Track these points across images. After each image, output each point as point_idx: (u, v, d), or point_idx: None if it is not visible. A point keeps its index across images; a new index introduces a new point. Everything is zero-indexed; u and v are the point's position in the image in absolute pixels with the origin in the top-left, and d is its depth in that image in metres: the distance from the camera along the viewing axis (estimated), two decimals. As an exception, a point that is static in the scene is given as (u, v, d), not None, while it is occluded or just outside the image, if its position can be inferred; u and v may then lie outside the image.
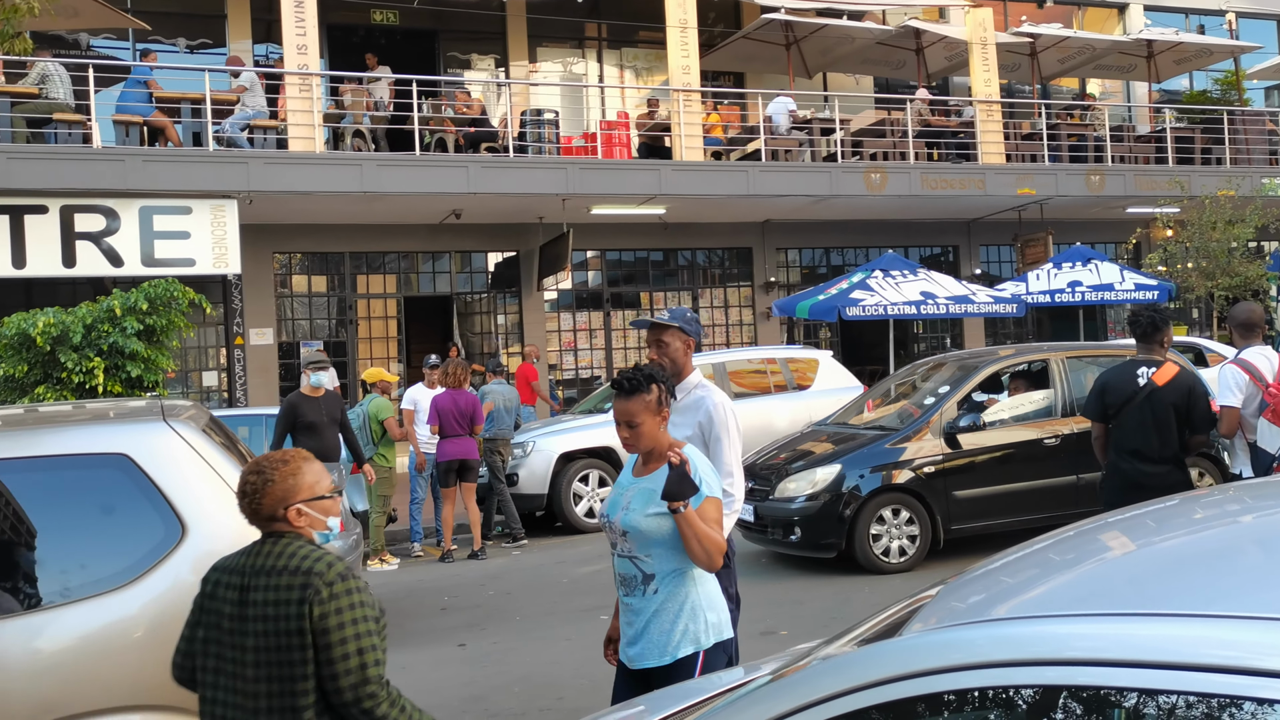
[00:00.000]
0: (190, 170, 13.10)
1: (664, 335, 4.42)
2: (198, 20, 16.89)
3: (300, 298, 16.53)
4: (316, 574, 2.69)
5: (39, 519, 3.59)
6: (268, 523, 2.80)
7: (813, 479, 8.75)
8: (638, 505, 3.49)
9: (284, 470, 2.80)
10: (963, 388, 9.16)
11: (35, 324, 9.77)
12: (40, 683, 3.28)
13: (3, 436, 3.79)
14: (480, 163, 14.64)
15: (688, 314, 4.54)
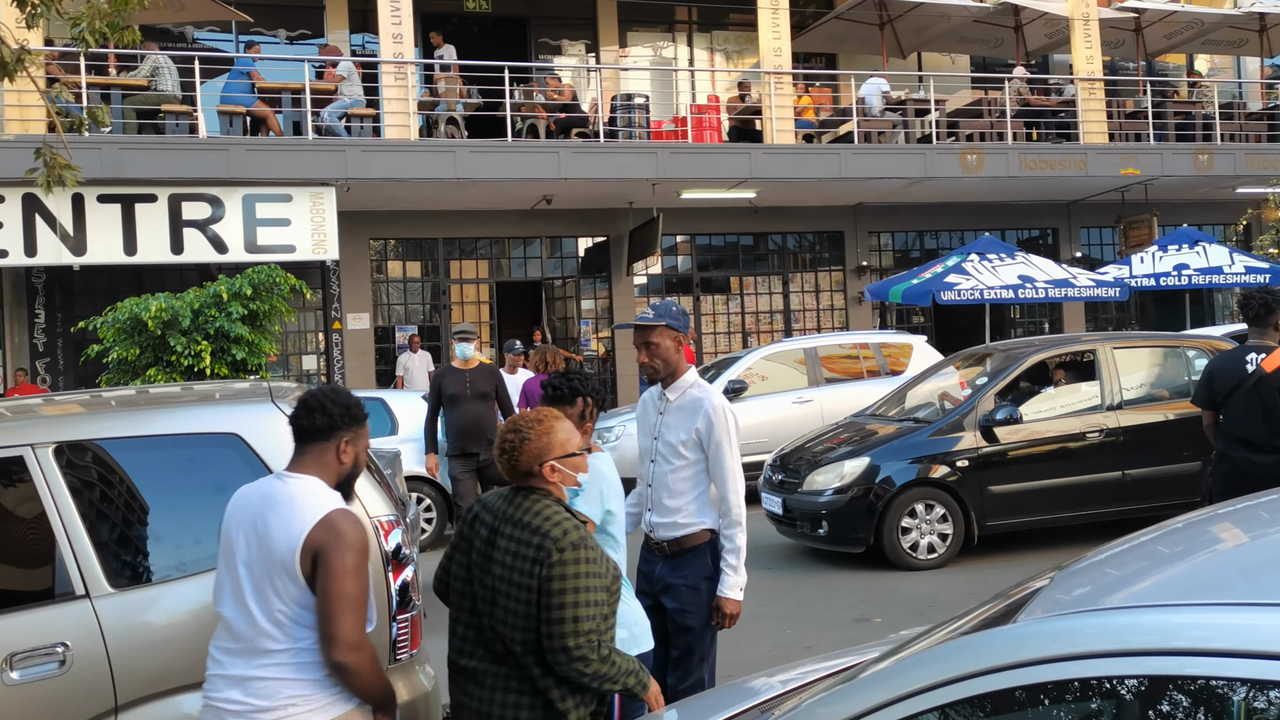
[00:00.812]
0: (290, 159, 13.44)
1: (651, 336, 4.12)
2: (297, 11, 17.28)
3: (395, 283, 16.85)
4: (552, 539, 2.93)
5: (156, 496, 3.73)
6: (524, 478, 3.10)
7: (841, 471, 8.58)
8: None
9: (539, 429, 3.09)
10: (1001, 379, 8.90)
11: (148, 308, 10.13)
12: (158, 654, 3.42)
13: (121, 417, 3.94)
14: (571, 148, 14.73)
15: (673, 308, 4.21)
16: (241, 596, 2.94)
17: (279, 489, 3.00)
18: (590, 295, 17.84)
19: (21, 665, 3.26)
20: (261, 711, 2.86)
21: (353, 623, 2.87)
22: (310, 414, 3.03)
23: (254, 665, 2.90)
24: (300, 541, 2.88)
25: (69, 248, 12.73)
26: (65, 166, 5.34)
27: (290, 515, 2.92)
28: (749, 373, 12.31)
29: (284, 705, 2.87)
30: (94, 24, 5.37)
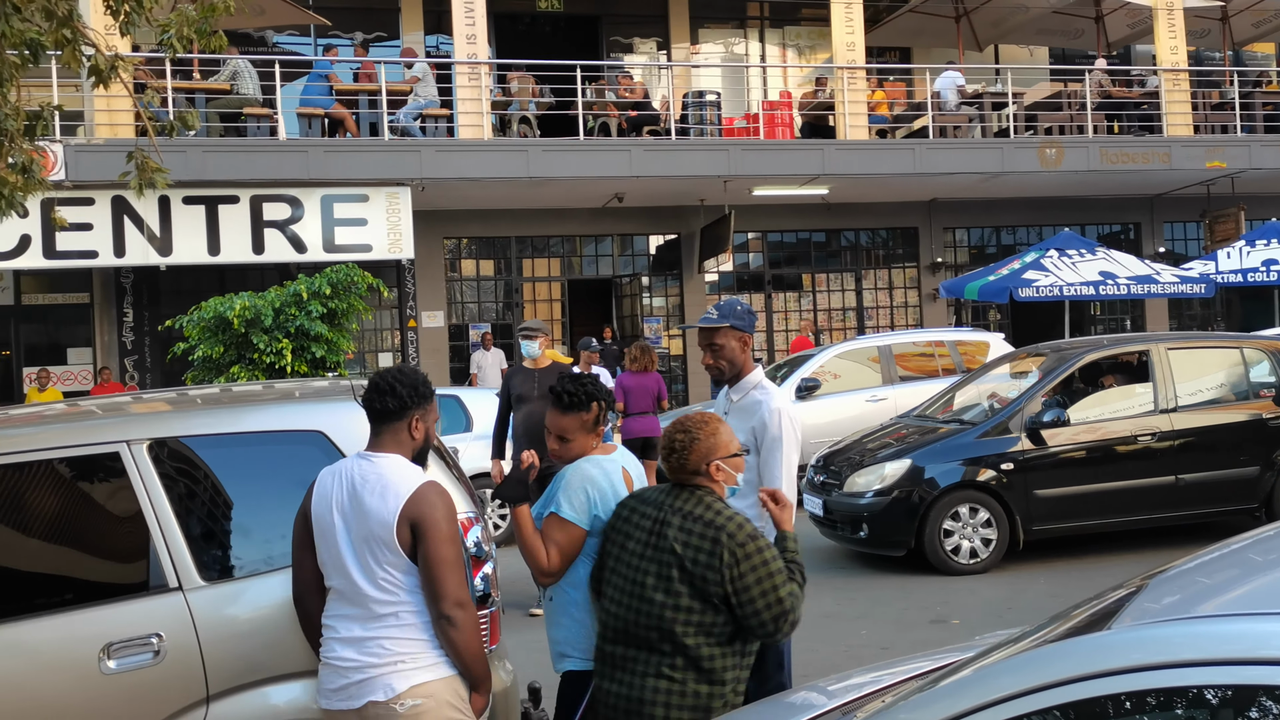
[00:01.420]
0: (367, 160, 13.67)
1: (716, 337, 4.06)
2: (374, 14, 17.56)
3: (469, 281, 17.04)
4: (728, 534, 3.16)
5: (244, 491, 3.82)
6: (691, 476, 3.30)
7: (882, 473, 8.42)
8: (537, 509, 3.45)
9: (706, 430, 3.31)
10: (1051, 380, 8.68)
11: (232, 307, 10.37)
12: (246, 645, 3.50)
13: (210, 414, 4.05)
14: (642, 146, 14.77)
15: (738, 307, 4.13)
16: (346, 569, 3.14)
17: (367, 468, 3.20)
18: (661, 293, 17.86)
19: (118, 655, 3.37)
20: (374, 667, 3.10)
21: (456, 581, 3.12)
22: (382, 396, 3.23)
23: (367, 628, 3.12)
24: (396, 515, 3.09)
25: (156, 248, 13.09)
26: (156, 169, 5.50)
27: (384, 492, 3.12)
28: (821, 370, 12.23)
29: (394, 660, 3.10)
30: (181, 30, 5.51)
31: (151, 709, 3.38)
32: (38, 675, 3.33)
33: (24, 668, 3.33)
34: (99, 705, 3.35)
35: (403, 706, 3.08)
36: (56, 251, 12.79)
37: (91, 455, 3.64)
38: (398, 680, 3.09)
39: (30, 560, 3.66)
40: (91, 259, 13.05)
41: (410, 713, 3.08)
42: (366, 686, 3.09)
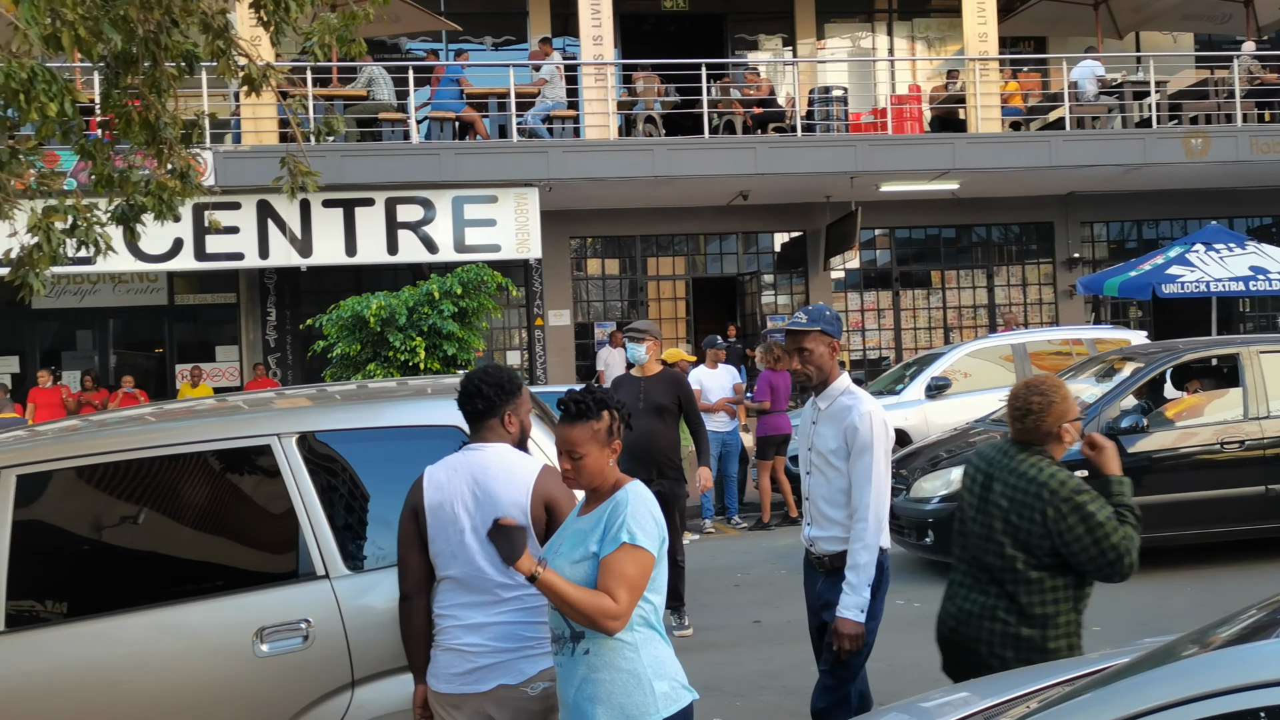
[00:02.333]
0: (496, 161, 13.94)
1: (805, 342, 3.99)
2: (502, 18, 17.89)
3: (594, 280, 17.21)
4: (1051, 491, 3.43)
5: (385, 484, 3.94)
6: (1044, 438, 3.55)
7: (949, 479, 8.15)
8: (566, 550, 2.98)
9: (1060, 393, 3.53)
10: (1131, 384, 8.25)
11: (369, 306, 10.72)
12: (389, 633, 3.60)
13: (354, 409, 4.20)
14: (768, 143, 14.69)
15: (826, 312, 4.05)
16: (471, 557, 3.22)
17: (483, 458, 3.31)
18: (785, 290, 17.73)
19: (270, 639, 3.52)
20: (502, 652, 3.18)
21: None
22: (472, 399, 3.38)
23: (491, 613, 3.21)
24: (530, 495, 3.23)
25: (297, 250, 13.61)
26: (306, 173, 5.71)
27: (509, 475, 3.26)
28: (951, 369, 11.96)
29: (521, 647, 3.19)
30: (324, 38, 5.71)
31: (300, 691, 3.52)
32: (197, 656, 3.50)
33: (185, 648, 3.51)
34: (252, 686, 3.51)
35: (533, 690, 3.17)
36: (206, 254, 13.41)
37: (245, 448, 3.81)
38: (527, 664, 3.17)
39: (189, 546, 3.85)
40: (238, 261, 13.64)
41: (540, 695, 3.17)
42: (496, 670, 3.17)
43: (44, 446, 3.81)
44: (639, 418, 6.46)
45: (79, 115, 4.98)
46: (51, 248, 4.86)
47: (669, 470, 6.72)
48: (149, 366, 15.98)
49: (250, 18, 6.01)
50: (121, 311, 15.82)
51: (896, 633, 6.84)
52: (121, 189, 5.77)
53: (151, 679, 3.49)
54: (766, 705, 5.65)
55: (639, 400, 6.73)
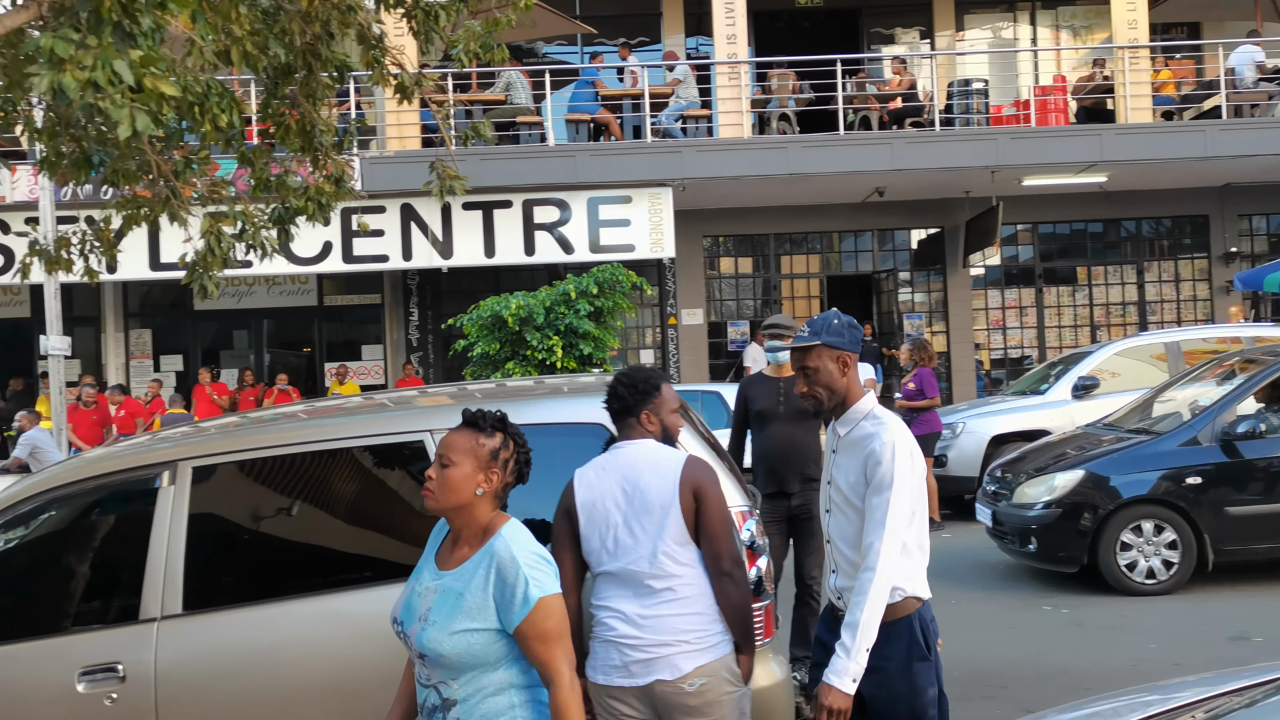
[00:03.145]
0: (631, 162, 14.07)
1: (808, 359, 3.33)
2: (636, 20, 18.02)
3: (728, 279, 17.20)
4: None
5: (533, 480, 4.03)
6: None
7: (1052, 485, 7.84)
8: (441, 616, 2.61)
9: None
10: (1250, 388, 7.76)
11: (508, 306, 10.96)
12: (535, 624, 3.69)
13: (502, 406, 4.30)
14: (905, 138, 14.43)
15: (834, 321, 3.37)
16: (625, 552, 3.29)
17: (631, 454, 3.40)
18: (923, 288, 17.38)
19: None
20: (661, 645, 3.23)
21: (732, 540, 3.30)
22: (611, 400, 3.52)
23: (645, 605, 3.26)
24: (678, 483, 3.29)
25: (439, 251, 14.01)
26: (455, 177, 5.89)
27: (658, 466, 3.34)
28: (1099, 369, 11.54)
29: (675, 640, 3.23)
30: (469, 45, 5.88)
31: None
32: (358, 644, 3.64)
33: (347, 636, 3.65)
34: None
35: (691, 686, 3.20)
36: (353, 256, 13.93)
37: (400, 443, 3.95)
38: (684, 661, 3.21)
39: (347, 537, 4.01)
40: (383, 263, 14.12)
41: (697, 692, 3.20)
42: (653, 665, 3.22)
43: (216, 440, 4.01)
44: (777, 423, 5.90)
45: (243, 125, 5.25)
46: (222, 251, 5.14)
47: (811, 483, 5.88)
48: (299, 365, 16.67)
49: (395, 27, 6.22)
50: (275, 312, 16.56)
51: (1043, 640, 6.66)
52: (278, 194, 6.05)
53: (316, 664, 3.65)
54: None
55: (778, 404, 5.94)
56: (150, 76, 2.59)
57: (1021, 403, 11.49)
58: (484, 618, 2.56)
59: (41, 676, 3.55)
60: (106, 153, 4.80)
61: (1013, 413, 11.35)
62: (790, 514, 5.95)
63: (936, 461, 11.04)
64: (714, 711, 3.23)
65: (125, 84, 2.49)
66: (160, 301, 16.49)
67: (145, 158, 4.92)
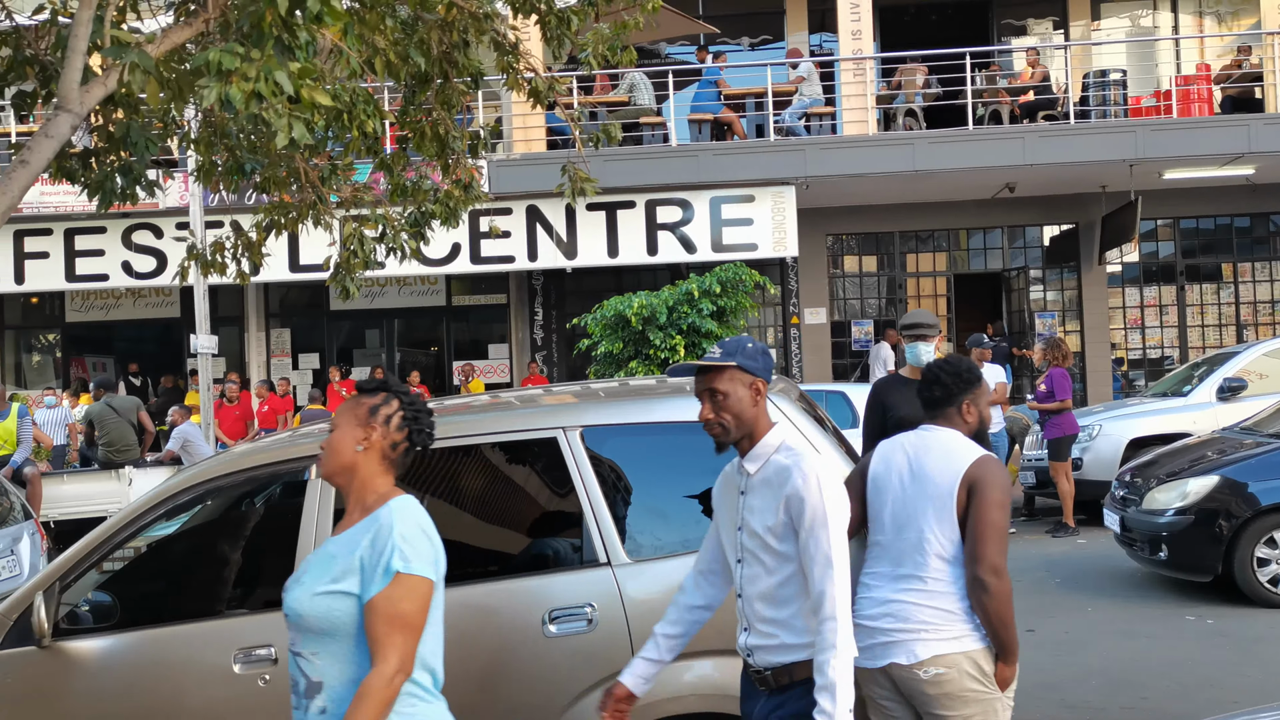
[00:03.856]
0: (754, 161, 14.03)
1: (716, 382, 2.99)
2: (759, 18, 17.95)
3: (851, 277, 17.00)
4: None
5: (662, 477, 4.07)
6: None
7: (1184, 490, 7.46)
8: (309, 577, 2.51)
9: None
10: None
11: (630, 305, 11.07)
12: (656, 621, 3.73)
13: (633, 404, 4.36)
14: (1037, 132, 14.05)
15: (747, 345, 3.05)
16: (894, 527, 3.37)
17: (929, 438, 3.45)
18: (1055, 286, 16.87)
19: (558, 621, 3.71)
20: (900, 631, 3.25)
21: (997, 549, 3.19)
22: (930, 387, 3.51)
23: (895, 590, 3.30)
24: (960, 475, 3.27)
25: (563, 252, 14.22)
26: (585, 179, 5.99)
27: (947, 455, 3.34)
28: (1246, 370, 11.03)
29: (917, 628, 3.23)
30: (598, 48, 5.96)
31: (586, 673, 3.69)
32: (493, 633, 3.74)
33: (482, 626, 3.76)
34: (541, 664, 3.71)
35: (926, 674, 3.20)
36: (481, 257, 14.25)
37: (533, 440, 4.03)
38: (920, 647, 3.21)
39: (482, 530, 4.12)
40: (509, 264, 14.41)
41: (933, 680, 3.20)
42: (890, 649, 3.25)
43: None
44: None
45: (383, 131, 5.44)
46: (364, 254, 5.34)
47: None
48: (428, 363, 17.11)
49: (523, 32, 6.34)
50: (405, 312, 17.05)
51: (1185, 650, 6.41)
52: (413, 198, 6.24)
53: (451, 652, 3.76)
54: (1044, 718, 5.43)
55: (920, 409, 5.53)
56: (307, 87, 2.73)
57: (1162, 405, 11.07)
58: (348, 581, 2.44)
59: (201, 657, 3.74)
60: (258, 160, 5.05)
61: (1153, 415, 10.94)
62: None
63: (1072, 465, 10.72)
64: (956, 707, 3.21)
65: (285, 94, 2.65)
66: (298, 302, 17.15)
67: (294, 165, 5.14)
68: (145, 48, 2.98)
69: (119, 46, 2.94)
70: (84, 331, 17.38)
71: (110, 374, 16.72)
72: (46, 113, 4.70)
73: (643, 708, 3.65)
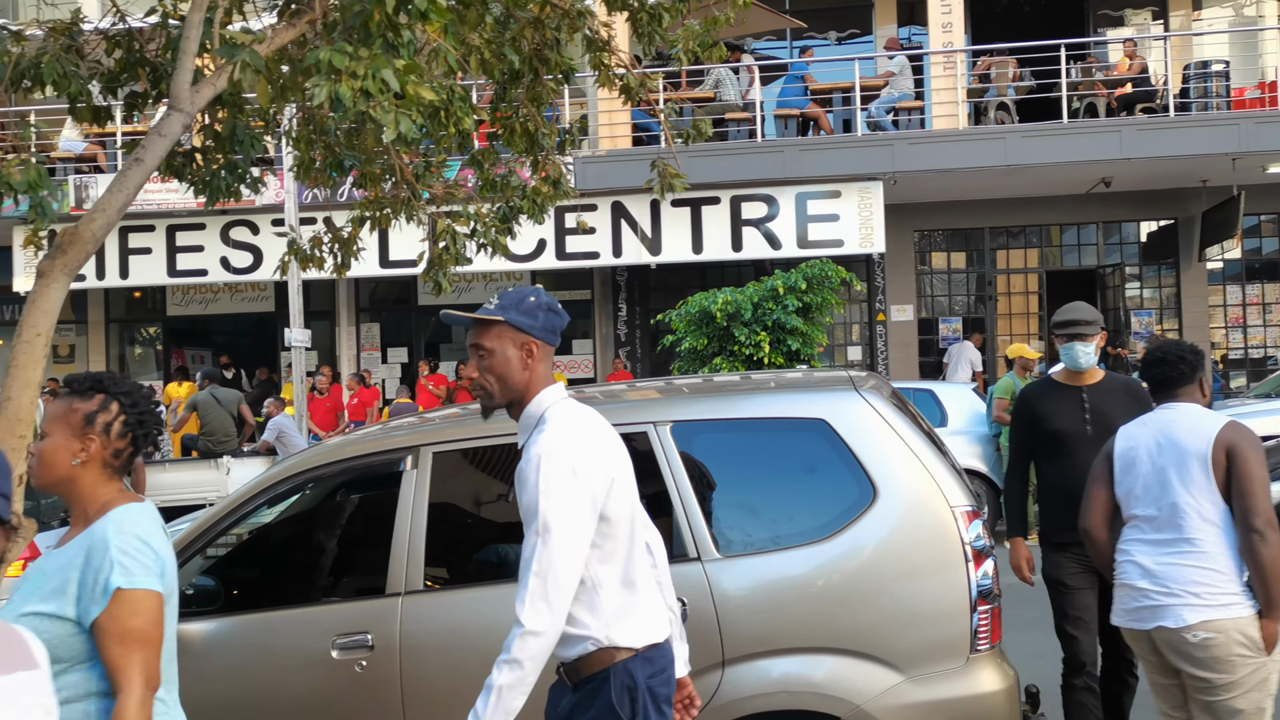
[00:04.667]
0: (840, 156, 13.89)
1: (484, 337, 2.68)
2: (847, 11, 17.76)
3: (939, 274, 16.73)
4: None
5: (752, 473, 4.07)
6: None
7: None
8: (19, 595, 2.25)
9: None
10: None
11: (715, 302, 11.04)
12: (757, 617, 3.73)
13: (721, 400, 4.36)
14: (1135, 125, 13.66)
15: (528, 299, 2.73)
16: (1150, 498, 3.58)
17: (1173, 414, 3.70)
18: (1152, 283, 16.40)
19: (649, 614, 3.72)
20: (1167, 595, 3.45)
21: (1266, 502, 3.40)
22: (1176, 365, 3.76)
23: (1161, 555, 3.50)
24: (1214, 438, 3.51)
25: (647, 248, 14.25)
26: (675, 175, 6.01)
27: (1196, 426, 3.59)
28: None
29: (1183, 591, 3.42)
30: (688, 44, 5.96)
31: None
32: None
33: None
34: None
35: (1194, 637, 3.36)
36: (566, 253, 14.36)
37: (625, 434, 4.04)
38: (1189, 613, 3.37)
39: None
40: (593, 260, 14.49)
41: (1201, 644, 3.34)
42: (1158, 613, 3.43)
43: (449, 429, 4.23)
44: (1083, 448, 4.27)
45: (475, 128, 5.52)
46: (456, 249, 5.43)
47: None
48: (513, 358, 17.27)
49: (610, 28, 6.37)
50: (491, 307, 17.22)
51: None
52: (502, 194, 6.31)
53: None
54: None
55: (1084, 422, 4.37)
56: (412, 83, 2.79)
57: (1267, 406, 10.71)
58: (60, 603, 2.21)
59: (302, 642, 3.84)
60: (356, 157, 5.17)
61: (1258, 416, 10.57)
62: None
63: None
64: (1224, 670, 3.34)
65: (391, 91, 2.71)
66: (387, 297, 17.47)
67: (390, 161, 5.25)
68: (255, 48, 3.08)
69: (230, 47, 3.03)
70: (183, 325, 17.94)
71: (209, 366, 17.25)
72: (150, 112, 4.87)
73: (731, 704, 3.66)
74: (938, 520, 3.71)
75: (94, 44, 4.37)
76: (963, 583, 3.63)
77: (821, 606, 3.74)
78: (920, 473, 3.78)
